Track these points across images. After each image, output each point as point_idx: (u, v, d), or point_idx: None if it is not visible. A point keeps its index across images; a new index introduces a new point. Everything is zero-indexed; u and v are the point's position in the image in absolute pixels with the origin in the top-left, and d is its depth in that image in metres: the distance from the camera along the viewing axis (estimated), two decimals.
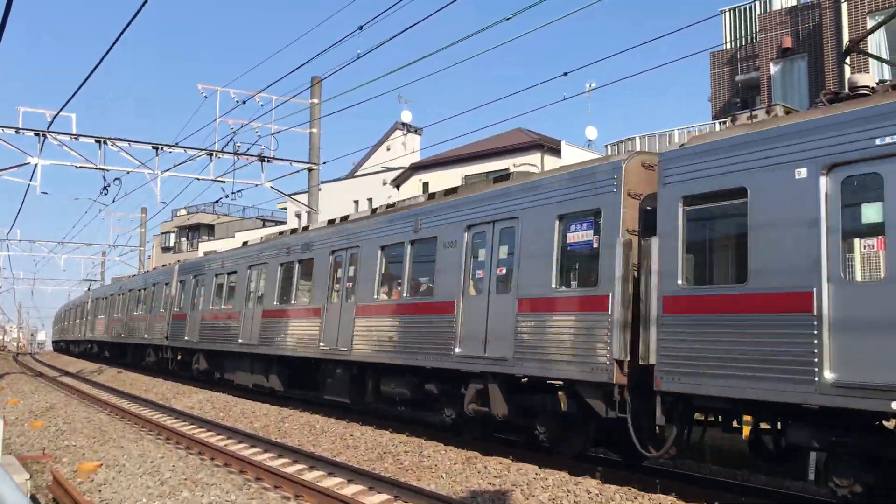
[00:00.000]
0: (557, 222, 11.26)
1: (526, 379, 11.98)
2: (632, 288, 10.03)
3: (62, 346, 71.35)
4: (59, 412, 19.30)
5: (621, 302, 10.01)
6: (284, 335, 19.00)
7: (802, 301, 7.81)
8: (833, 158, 7.78)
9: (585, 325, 10.47)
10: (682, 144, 9.89)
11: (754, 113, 9.53)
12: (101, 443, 14.36)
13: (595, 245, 10.62)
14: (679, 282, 9.23)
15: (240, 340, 21.44)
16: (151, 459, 12.29)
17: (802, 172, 8.00)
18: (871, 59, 20.93)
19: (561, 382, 11.22)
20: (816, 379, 7.59)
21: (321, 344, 17.05)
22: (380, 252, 15.66)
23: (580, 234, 10.98)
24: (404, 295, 14.78)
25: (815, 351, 7.63)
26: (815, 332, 7.65)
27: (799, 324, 7.81)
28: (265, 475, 11.38)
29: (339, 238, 17.42)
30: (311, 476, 11.38)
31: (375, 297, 15.58)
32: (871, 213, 7.79)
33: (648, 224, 9.97)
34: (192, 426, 17.08)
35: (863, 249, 8.00)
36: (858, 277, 7.98)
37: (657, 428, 9.64)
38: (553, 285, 11.18)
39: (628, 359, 9.86)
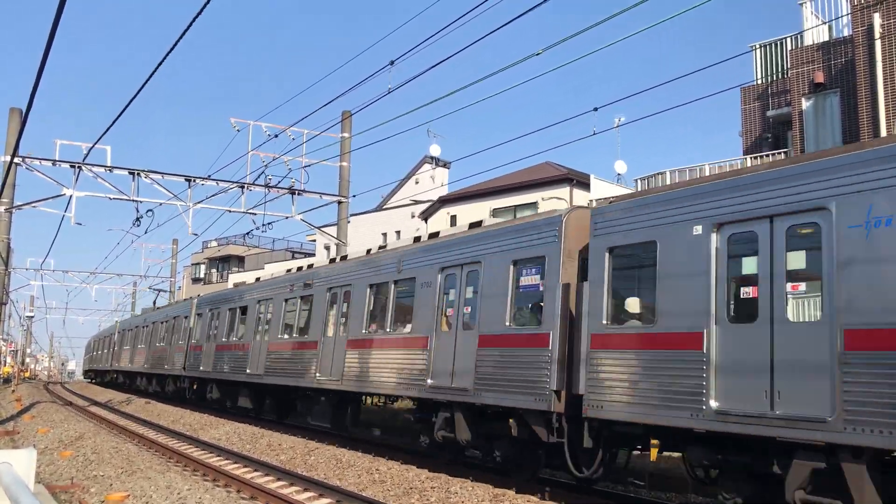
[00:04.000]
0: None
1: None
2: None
3: (92, 376, 71.55)
4: (87, 442, 19.39)
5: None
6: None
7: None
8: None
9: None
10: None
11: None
12: (128, 473, 14.37)
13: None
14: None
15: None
16: (178, 491, 12.26)
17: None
18: None
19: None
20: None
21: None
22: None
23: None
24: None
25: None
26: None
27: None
28: None
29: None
30: None
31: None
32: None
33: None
34: (219, 458, 17.06)
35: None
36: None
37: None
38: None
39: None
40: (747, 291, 9.04)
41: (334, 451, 16.75)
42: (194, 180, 25.72)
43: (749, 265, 9.10)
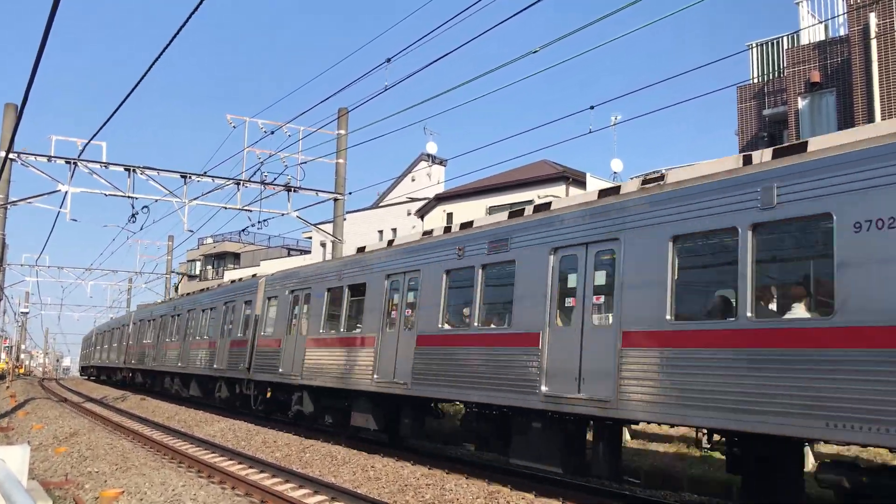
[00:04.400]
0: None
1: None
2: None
3: (93, 374, 65.07)
4: (82, 438, 19.35)
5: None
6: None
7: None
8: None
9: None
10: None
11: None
12: (123, 470, 14.35)
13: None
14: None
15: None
16: (173, 488, 12.25)
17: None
18: None
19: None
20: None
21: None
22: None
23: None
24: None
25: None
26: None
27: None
28: None
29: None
30: None
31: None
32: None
33: None
34: (214, 455, 17.05)
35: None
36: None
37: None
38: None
39: None
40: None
41: (329, 449, 16.74)
42: (190, 177, 25.66)
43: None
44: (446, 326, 14.25)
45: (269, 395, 22.42)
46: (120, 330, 47.73)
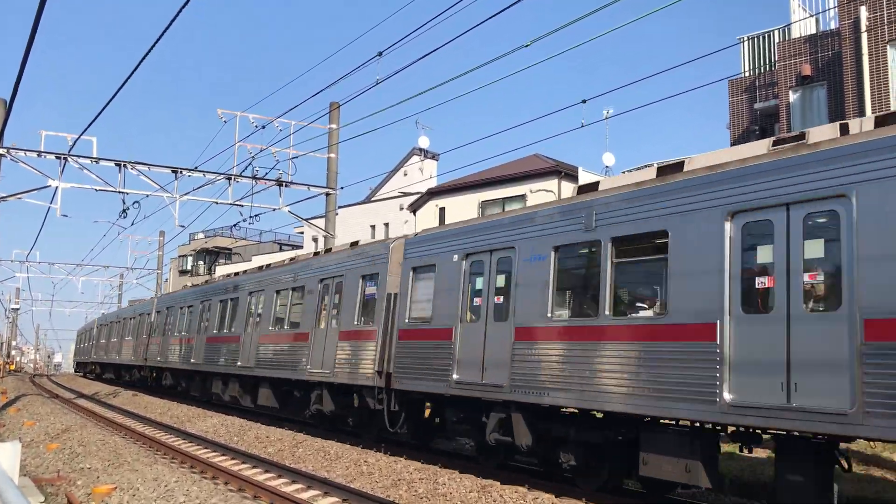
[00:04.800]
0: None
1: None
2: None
3: (96, 371, 57.43)
4: (74, 434, 19.30)
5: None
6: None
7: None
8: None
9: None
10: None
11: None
12: (115, 466, 14.32)
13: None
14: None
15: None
16: (166, 483, 12.23)
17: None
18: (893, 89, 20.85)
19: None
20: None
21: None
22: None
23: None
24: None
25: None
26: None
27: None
28: (279, 501, 11.30)
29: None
30: (325, 502, 11.28)
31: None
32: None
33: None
34: (207, 450, 17.03)
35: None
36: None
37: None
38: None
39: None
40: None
41: (322, 444, 16.74)
42: (181, 172, 25.55)
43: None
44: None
45: (427, 413, 16.41)
46: (136, 320, 39.94)
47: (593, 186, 11.91)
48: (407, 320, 14.93)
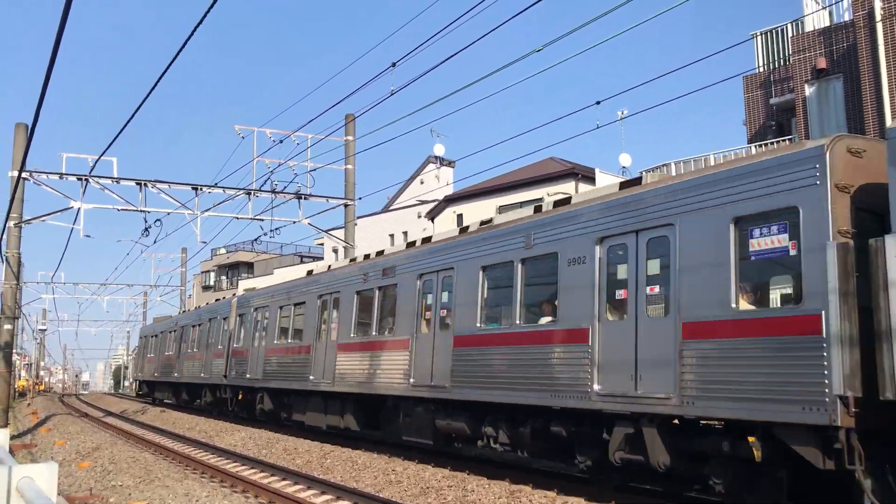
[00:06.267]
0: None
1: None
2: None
3: (159, 393, 43.05)
4: (104, 452, 19.51)
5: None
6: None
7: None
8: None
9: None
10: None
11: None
12: (146, 482, 14.47)
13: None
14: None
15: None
16: (197, 498, 12.34)
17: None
18: None
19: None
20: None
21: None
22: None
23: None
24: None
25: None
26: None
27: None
28: None
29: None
30: None
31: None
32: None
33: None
34: (236, 464, 17.16)
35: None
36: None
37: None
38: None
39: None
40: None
41: (350, 454, 16.81)
42: (201, 189, 25.81)
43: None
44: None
45: None
46: (203, 326, 31.21)
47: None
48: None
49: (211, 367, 29.35)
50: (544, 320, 12.18)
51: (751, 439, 8.87)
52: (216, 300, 36.62)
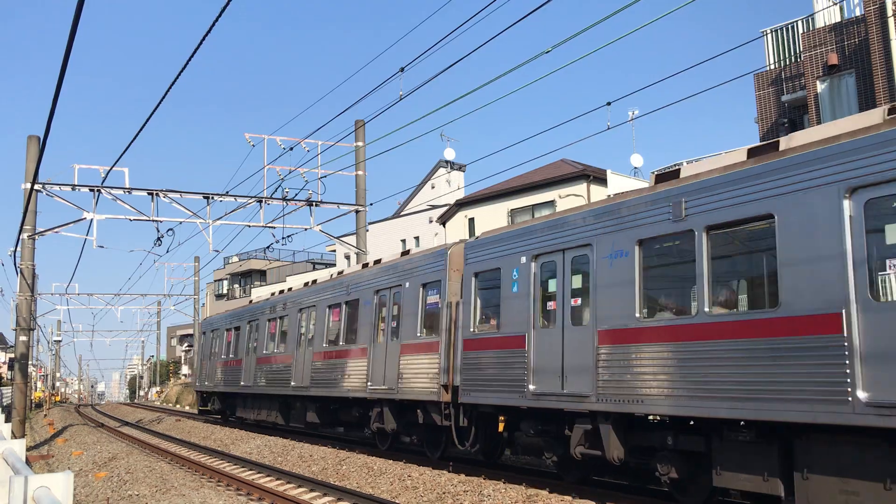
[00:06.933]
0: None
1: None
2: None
3: (250, 418, 27.43)
4: (121, 462, 19.54)
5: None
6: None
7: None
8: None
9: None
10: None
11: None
12: (163, 491, 14.47)
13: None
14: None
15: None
16: None
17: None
18: None
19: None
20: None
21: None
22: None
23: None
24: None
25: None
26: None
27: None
28: None
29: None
30: None
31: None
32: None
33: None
34: (252, 472, 17.14)
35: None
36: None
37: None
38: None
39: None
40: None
41: (365, 460, 16.77)
42: (212, 197, 25.89)
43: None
44: None
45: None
46: (283, 319, 23.79)
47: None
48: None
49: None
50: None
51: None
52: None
